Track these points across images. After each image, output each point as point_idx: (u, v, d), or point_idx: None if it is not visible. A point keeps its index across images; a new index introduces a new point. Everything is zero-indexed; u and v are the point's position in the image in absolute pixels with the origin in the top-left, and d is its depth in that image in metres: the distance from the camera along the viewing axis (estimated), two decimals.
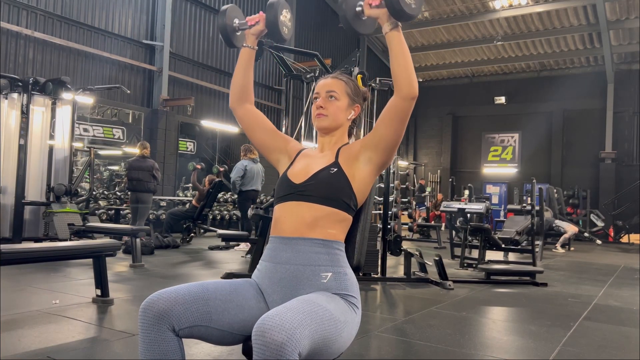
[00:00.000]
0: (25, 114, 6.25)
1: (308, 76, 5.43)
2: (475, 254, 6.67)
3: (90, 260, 3.50)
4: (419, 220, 11.49)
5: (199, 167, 8.56)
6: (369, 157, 1.47)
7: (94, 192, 8.70)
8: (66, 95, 6.70)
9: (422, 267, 5.24)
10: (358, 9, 1.41)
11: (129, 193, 8.49)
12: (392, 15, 1.34)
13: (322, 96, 1.57)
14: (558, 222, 9.72)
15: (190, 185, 10.98)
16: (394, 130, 1.42)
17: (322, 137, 1.61)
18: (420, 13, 1.38)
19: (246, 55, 1.64)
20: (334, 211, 1.43)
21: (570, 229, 9.60)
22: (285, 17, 1.62)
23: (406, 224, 10.72)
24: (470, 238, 6.69)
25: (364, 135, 5.35)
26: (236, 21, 1.64)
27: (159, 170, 7.23)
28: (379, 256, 5.05)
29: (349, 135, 1.63)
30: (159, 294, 1.30)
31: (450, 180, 11.62)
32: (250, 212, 7.18)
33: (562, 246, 9.69)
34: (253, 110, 1.66)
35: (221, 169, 8.47)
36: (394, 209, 5.70)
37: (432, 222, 12.31)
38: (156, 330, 1.26)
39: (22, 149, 6.21)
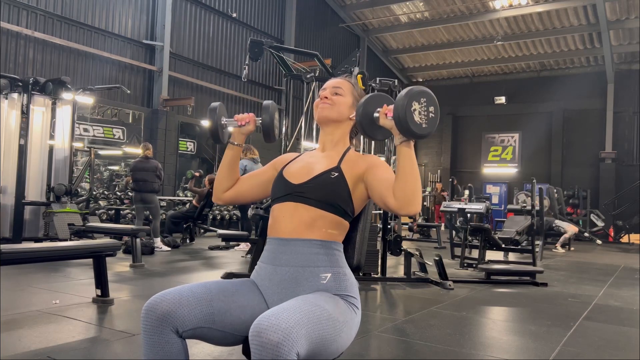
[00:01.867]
0: (25, 114, 6.25)
1: (308, 76, 5.43)
2: (475, 254, 6.67)
3: (90, 260, 3.50)
4: (419, 220, 11.49)
5: (197, 174, 8.56)
6: (366, 188, 1.46)
7: (94, 192, 8.71)
8: (66, 95, 6.70)
9: (422, 267, 5.24)
10: (375, 115, 1.38)
11: (130, 194, 8.51)
12: (400, 133, 1.29)
13: (328, 90, 1.58)
14: (558, 222, 9.72)
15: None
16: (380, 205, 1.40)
17: (323, 134, 1.59)
18: (433, 130, 1.31)
19: (233, 153, 1.62)
20: (330, 215, 1.42)
21: (570, 229, 9.60)
22: (276, 119, 1.67)
23: (406, 224, 10.72)
24: (470, 238, 6.69)
25: (363, 138, 5.36)
26: (223, 119, 1.64)
27: (162, 171, 7.24)
28: (379, 256, 5.05)
29: (350, 140, 1.61)
30: (162, 296, 1.29)
31: (451, 180, 11.61)
32: (250, 212, 7.19)
33: (562, 246, 9.69)
34: (241, 187, 1.63)
35: (196, 174, 8.49)
36: None
37: (439, 217, 12.37)
38: (159, 332, 1.25)
39: (22, 149, 6.21)
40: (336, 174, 1.45)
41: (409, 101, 1.25)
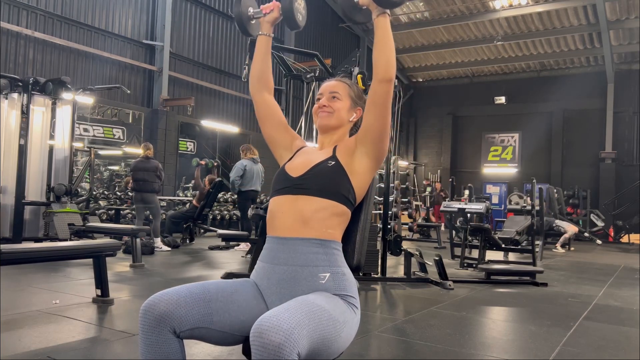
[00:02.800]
0: (25, 114, 6.25)
1: (308, 76, 5.43)
2: (475, 254, 6.67)
3: (90, 260, 3.50)
4: (419, 220, 11.49)
5: (202, 163, 8.57)
6: (364, 151, 1.48)
7: (94, 192, 8.71)
8: (66, 95, 6.70)
9: (422, 267, 5.24)
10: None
11: (130, 193, 8.51)
12: (375, 3, 1.42)
13: (326, 96, 1.59)
14: (558, 222, 9.72)
15: (190, 185, 11.00)
16: (377, 116, 1.45)
17: (322, 136, 1.61)
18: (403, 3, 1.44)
19: (263, 42, 1.68)
20: (332, 204, 1.42)
21: (570, 228, 9.60)
22: (300, 4, 1.67)
23: (406, 224, 10.72)
24: (470, 238, 6.69)
25: None
26: (250, 10, 1.69)
27: (163, 171, 7.24)
28: (379, 256, 5.05)
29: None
30: (160, 296, 1.29)
31: (451, 180, 11.61)
32: (250, 212, 7.20)
33: (562, 246, 9.69)
34: (269, 101, 1.68)
35: (215, 164, 8.49)
36: (394, 209, 5.70)
37: (438, 217, 12.36)
38: (157, 332, 1.26)
39: (22, 149, 6.21)
40: (333, 162, 1.47)
41: None
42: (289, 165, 1.54)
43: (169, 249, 6.96)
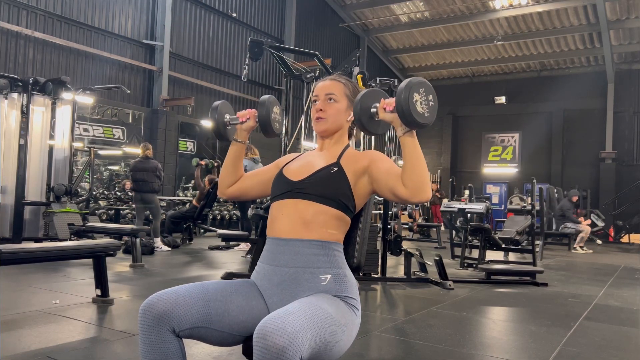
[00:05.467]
0: (25, 114, 6.25)
1: (308, 76, 5.43)
2: (475, 254, 6.67)
3: (90, 260, 3.50)
4: (419, 220, 11.49)
5: (202, 163, 8.57)
6: (371, 182, 1.45)
7: (94, 192, 8.70)
8: (66, 95, 6.70)
9: (422, 267, 5.24)
10: (373, 110, 1.40)
11: (129, 193, 8.51)
12: (404, 124, 1.31)
13: (321, 99, 1.55)
14: (570, 225, 9.58)
15: (190, 185, 11.00)
16: (388, 195, 1.41)
17: (321, 139, 1.61)
18: (434, 118, 1.34)
19: (237, 150, 1.64)
20: (331, 210, 1.42)
21: (584, 227, 9.55)
22: (276, 113, 1.66)
23: (406, 224, 10.72)
24: (470, 238, 6.69)
25: (363, 137, 5.36)
26: (227, 116, 1.66)
27: (162, 171, 7.24)
28: (379, 256, 5.04)
29: (349, 137, 1.62)
30: (159, 295, 1.29)
31: (451, 180, 11.61)
32: (250, 212, 7.20)
33: (581, 246, 9.61)
34: (243, 184, 1.66)
35: (215, 164, 8.48)
36: (394, 209, 5.70)
37: (436, 218, 12.36)
38: (156, 332, 1.26)
39: (22, 149, 6.21)
40: (336, 169, 1.46)
41: (410, 93, 1.27)
42: (287, 170, 1.53)
43: (169, 249, 6.95)
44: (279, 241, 1.43)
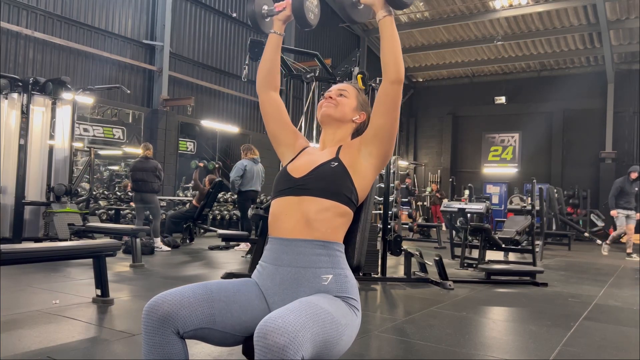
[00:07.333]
0: (25, 114, 6.25)
1: (308, 76, 5.42)
2: (475, 254, 6.67)
3: (90, 260, 3.50)
4: (419, 220, 11.50)
5: (201, 165, 8.58)
6: (369, 151, 1.49)
7: (94, 192, 8.70)
8: (66, 95, 6.70)
9: (422, 267, 5.24)
10: None
11: (130, 194, 8.51)
12: (388, 3, 1.41)
13: (334, 92, 1.62)
14: (623, 212, 8.91)
15: (190, 185, 11.00)
16: (387, 117, 1.46)
17: (324, 134, 1.62)
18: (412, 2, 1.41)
19: (274, 41, 1.68)
20: (334, 204, 1.43)
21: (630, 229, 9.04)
22: (312, 2, 1.68)
23: (406, 224, 10.72)
24: (470, 238, 6.69)
25: None
26: (265, 7, 1.69)
27: (162, 171, 7.24)
28: (379, 256, 5.05)
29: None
30: (163, 297, 1.28)
31: (451, 180, 11.61)
32: (250, 212, 7.20)
33: (612, 242, 9.17)
34: (275, 100, 1.68)
35: (217, 165, 8.49)
36: (394, 209, 5.69)
37: (436, 218, 12.39)
38: (161, 333, 1.25)
39: (22, 149, 6.21)
40: (336, 164, 1.48)
41: None
42: (291, 166, 1.54)
43: (169, 249, 6.96)
44: (282, 241, 1.43)
